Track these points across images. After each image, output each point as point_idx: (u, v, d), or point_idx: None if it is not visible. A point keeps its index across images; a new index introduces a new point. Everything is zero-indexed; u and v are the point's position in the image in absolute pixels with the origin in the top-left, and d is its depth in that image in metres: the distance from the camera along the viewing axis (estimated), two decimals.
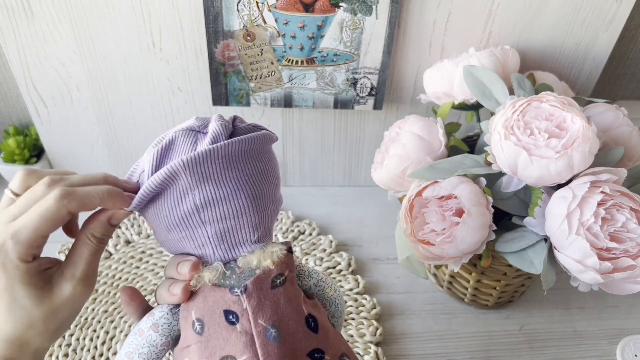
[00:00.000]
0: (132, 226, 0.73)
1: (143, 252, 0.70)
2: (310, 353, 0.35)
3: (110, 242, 0.71)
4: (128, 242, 0.72)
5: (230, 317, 0.35)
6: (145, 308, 0.39)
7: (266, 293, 0.35)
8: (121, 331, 0.61)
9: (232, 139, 0.36)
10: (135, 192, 0.36)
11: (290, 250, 0.38)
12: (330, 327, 0.38)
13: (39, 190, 0.34)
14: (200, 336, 0.35)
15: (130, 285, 0.40)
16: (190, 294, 0.36)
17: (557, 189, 0.49)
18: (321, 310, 0.39)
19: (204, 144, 0.36)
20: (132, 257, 0.69)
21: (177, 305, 0.37)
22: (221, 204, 0.35)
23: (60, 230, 0.38)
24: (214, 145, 0.35)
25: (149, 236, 0.72)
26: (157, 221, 0.37)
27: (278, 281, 0.36)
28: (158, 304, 0.38)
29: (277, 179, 0.40)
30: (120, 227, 0.73)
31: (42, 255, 0.36)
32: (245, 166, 0.36)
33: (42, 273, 0.35)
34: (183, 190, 0.35)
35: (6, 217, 0.34)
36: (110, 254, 0.70)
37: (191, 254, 0.37)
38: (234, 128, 0.38)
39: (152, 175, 0.36)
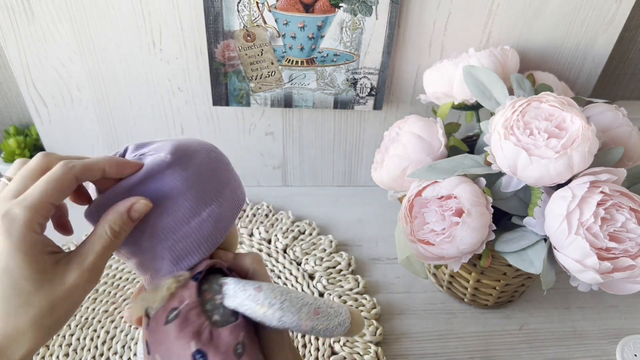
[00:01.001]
0: None
1: None
2: None
3: None
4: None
5: (146, 346, 0.36)
6: None
7: (160, 329, 0.35)
8: (121, 331, 0.61)
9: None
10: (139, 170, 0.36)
11: (195, 278, 0.35)
12: None
13: (21, 169, 0.34)
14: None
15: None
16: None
17: (556, 189, 0.49)
18: (225, 342, 0.34)
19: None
20: None
21: None
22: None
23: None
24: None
25: None
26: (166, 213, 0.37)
27: (170, 316, 0.34)
28: None
29: (180, 205, 0.36)
30: None
31: None
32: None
33: (48, 254, 0.32)
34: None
35: (7, 192, 0.32)
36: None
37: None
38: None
39: None
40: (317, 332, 0.36)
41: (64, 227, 0.38)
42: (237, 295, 0.35)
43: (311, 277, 0.69)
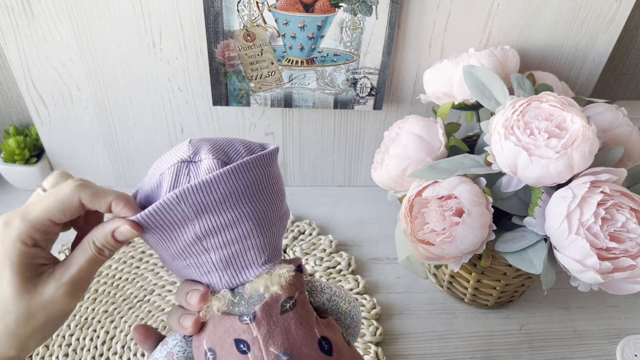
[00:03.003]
0: None
1: (143, 252, 0.70)
2: None
3: None
4: (128, 242, 0.72)
5: (241, 346, 0.34)
6: (159, 339, 0.39)
7: (276, 319, 0.34)
8: (121, 331, 0.61)
9: (226, 168, 0.34)
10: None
11: (299, 269, 0.37)
12: (345, 347, 0.37)
13: (59, 183, 0.34)
14: None
15: (143, 324, 0.39)
16: (201, 324, 0.36)
17: (557, 189, 0.49)
18: (335, 329, 0.37)
19: (201, 173, 0.34)
20: (132, 257, 0.69)
21: None
22: (223, 231, 0.34)
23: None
24: (208, 176, 0.33)
25: None
26: (161, 250, 0.36)
27: (287, 305, 0.35)
28: (170, 331, 0.38)
29: (281, 193, 0.38)
30: None
31: None
32: (245, 190, 0.35)
33: (35, 266, 0.33)
34: (181, 221, 0.34)
35: (26, 203, 0.34)
36: None
37: (199, 281, 0.36)
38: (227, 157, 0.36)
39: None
40: (355, 328, 0.42)
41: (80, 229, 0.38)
42: (324, 291, 0.39)
43: (311, 277, 0.69)
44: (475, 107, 0.62)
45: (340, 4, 0.61)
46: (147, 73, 0.68)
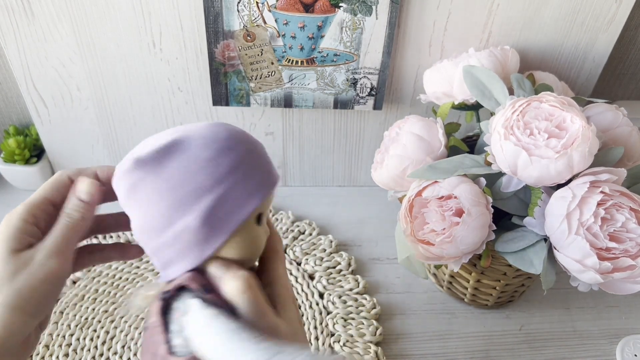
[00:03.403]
0: None
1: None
2: None
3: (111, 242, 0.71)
4: (128, 242, 0.72)
5: None
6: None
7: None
8: (121, 331, 0.61)
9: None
10: None
11: (162, 296, 0.33)
12: None
13: None
14: None
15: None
16: None
17: (556, 189, 0.49)
18: None
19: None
20: None
21: None
22: None
23: None
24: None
25: None
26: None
27: (143, 329, 0.35)
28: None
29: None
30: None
31: None
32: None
33: (26, 239, 0.34)
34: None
35: None
36: None
37: None
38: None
39: None
40: None
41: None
42: (187, 326, 0.32)
43: (311, 277, 0.69)
44: (475, 107, 0.62)
45: (340, 4, 0.61)
46: (147, 73, 0.68)
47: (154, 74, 0.68)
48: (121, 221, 0.40)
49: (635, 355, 0.62)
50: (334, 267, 0.69)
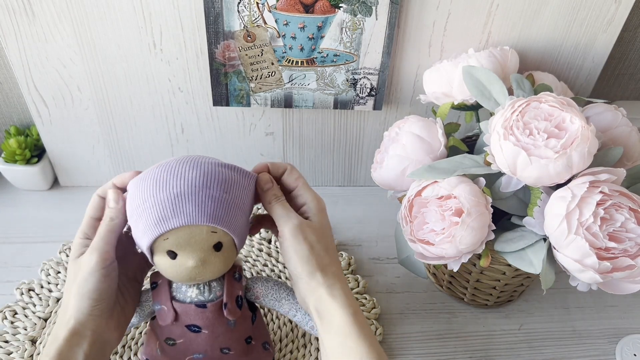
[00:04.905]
0: None
1: None
2: None
3: None
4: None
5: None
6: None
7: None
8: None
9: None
10: None
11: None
12: None
13: None
14: None
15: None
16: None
17: (556, 189, 0.49)
18: None
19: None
20: None
21: None
22: None
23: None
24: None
25: None
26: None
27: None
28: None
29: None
30: None
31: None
32: None
33: (83, 247, 0.46)
34: None
35: None
36: None
37: None
38: None
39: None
40: None
41: None
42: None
43: None
44: (475, 107, 0.62)
45: (340, 5, 0.61)
46: (147, 73, 0.68)
47: (154, 74, 0.68)
48: None
49: (635, 355, 0.62)
50: None
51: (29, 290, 0.65)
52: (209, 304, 0.48)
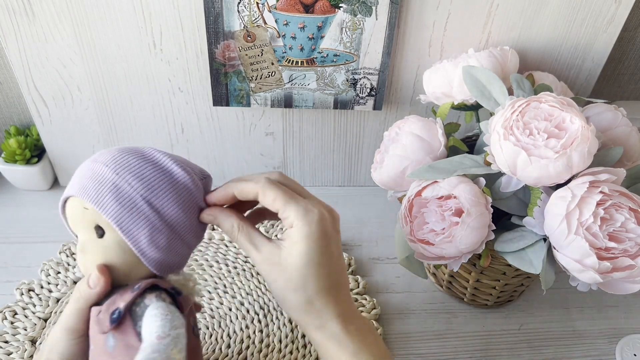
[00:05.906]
0: None
1: None
2: None
3: None
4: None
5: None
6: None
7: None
8: None
9: None
10: None
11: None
12: None
13: None
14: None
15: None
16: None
17: (556, 189, 0.49)
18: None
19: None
20: None
21: None
22: None
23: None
24: None
25: None
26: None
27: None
28: None
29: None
30: None
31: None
32: None
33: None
34: None
35: None
36: None
37: None
38: None
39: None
40: None
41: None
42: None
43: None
44: (475, 107, 0.62)
45: (340, 5, 0.61)
46: (147, 73, 0.68)
47: (154, 74, 0.68)
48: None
49: (635, 355, 0.62)
50: None
51: (29, 290, 0.65)
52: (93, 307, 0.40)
